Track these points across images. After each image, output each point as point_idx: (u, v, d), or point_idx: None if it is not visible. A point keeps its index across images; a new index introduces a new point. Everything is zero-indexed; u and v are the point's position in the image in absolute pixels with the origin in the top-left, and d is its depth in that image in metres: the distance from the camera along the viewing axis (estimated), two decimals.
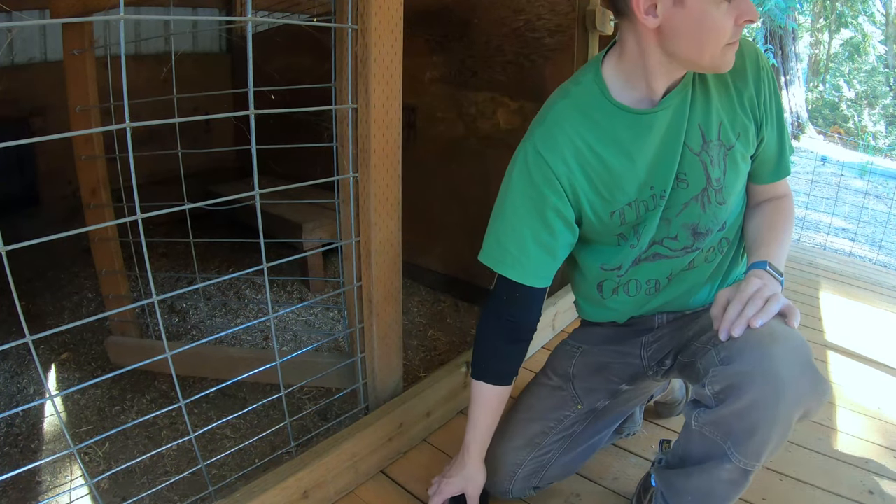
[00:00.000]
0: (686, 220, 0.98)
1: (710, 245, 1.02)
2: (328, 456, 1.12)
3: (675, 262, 1.02)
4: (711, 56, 0.83)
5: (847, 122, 11.03)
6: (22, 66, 2.55)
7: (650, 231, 0.98)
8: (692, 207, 0.97)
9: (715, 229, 1.00)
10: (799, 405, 0.76)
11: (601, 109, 0.93)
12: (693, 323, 1.03)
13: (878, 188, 6.89)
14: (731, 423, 0.79)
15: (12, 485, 1.29)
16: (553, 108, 0.96)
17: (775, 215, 1.01)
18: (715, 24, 0.80)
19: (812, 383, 0.76)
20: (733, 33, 0.82)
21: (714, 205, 0.97)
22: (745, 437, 0.78)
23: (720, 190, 0.96)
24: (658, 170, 0.94)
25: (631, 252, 1.01)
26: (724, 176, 0.95)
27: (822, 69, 11.79)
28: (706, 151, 0.94)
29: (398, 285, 1.28)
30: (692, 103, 0.92)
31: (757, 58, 0.94)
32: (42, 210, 2.71)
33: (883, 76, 11.02)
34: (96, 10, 1.46)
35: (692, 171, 0.94)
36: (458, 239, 2.19)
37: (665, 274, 1.03)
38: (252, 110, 0.94)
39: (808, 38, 11.43)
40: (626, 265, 1.03)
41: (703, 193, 0.96)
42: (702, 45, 0.83)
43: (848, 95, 11.28)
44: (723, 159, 0.95)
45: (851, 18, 11.05)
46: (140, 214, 0.87)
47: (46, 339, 1.84)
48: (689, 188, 0.95)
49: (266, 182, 0.94)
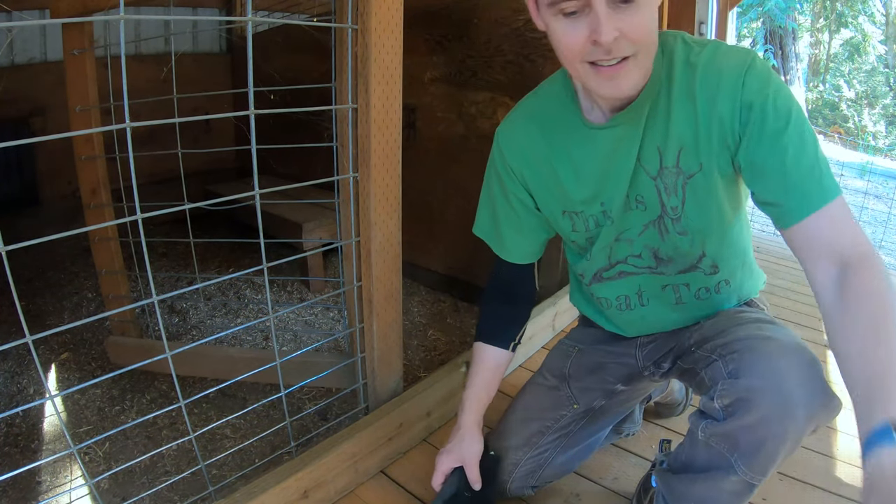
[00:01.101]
0: (647, 243, 0.93)
1: (702, 285, 0.95)
2: (328, 456, 1.12)
3: (641, 279, 0.97)
4: (576, 75, 0.79)
5: (847, 122, 11.04)
6: (22, 66, 2.56)
7: (602, 249, 0.96)
8: (650, 232, 0.91)
9: (682, 261, 0.92)
10: (809, 423, 0.74)
11: (558, 114, 0.93)
12: (693, 330, 0.98)
13: (878, 188, 6.90)
14: (739, 437, 0.76)
15: (12, 485, 1.29)
16: (521, 104, 0.99)
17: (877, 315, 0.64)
18: (559, 39, 0.76)
19: (823, 401, 0.74)
20: (588, 52, 0.74)
21: (673, 234, 0.89)
22: (752, 452, 0.76)
23: (678, 219, 0.88)
24: (606, 187, 0.90)
25: (588, 264, 1.01)
26: (683, 206, 0.86)
27: (822, 69, 11.79)
28: (661, 178, 0.86)
29: (398, 285, 1.28)
30: (650, 123, 0.84)
31: (742, 69, 0.78)
32: (42, 210, 2.71)
33: (883, 76, 11.03)
34: (96, 10, 1.46)
35: (648, 194, 0.88)
36: (458, 239, 2.19)
37: (634, 290, 0.99)
38: (252, 110, 0.94)
39: (808, 38, 11.45)
40: (587, 276, 1.03)
41: (658, 221, 0.90)
42: (563, 61, 0.79)
43: (848, 95, 11.29)
44: (681, 188, 0.85)
45: (851, 18, 11.06)
46: (140, 214, 0.87)
47: (46, 339, 1.84)
48: (647, 212, 0.90)
49: (266, 182, 0.94)
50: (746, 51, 0.81)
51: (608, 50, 0.72)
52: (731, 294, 0.97)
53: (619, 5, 0.70)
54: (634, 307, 1.01)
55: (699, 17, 2.57)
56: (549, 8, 0.74)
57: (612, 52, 0.73)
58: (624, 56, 0.73)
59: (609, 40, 0.71)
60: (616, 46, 0.72)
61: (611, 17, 0.70)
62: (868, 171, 7.29)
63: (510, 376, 1.58)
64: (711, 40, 0.84)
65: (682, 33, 0.85)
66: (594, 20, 0.71)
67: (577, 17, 0.73)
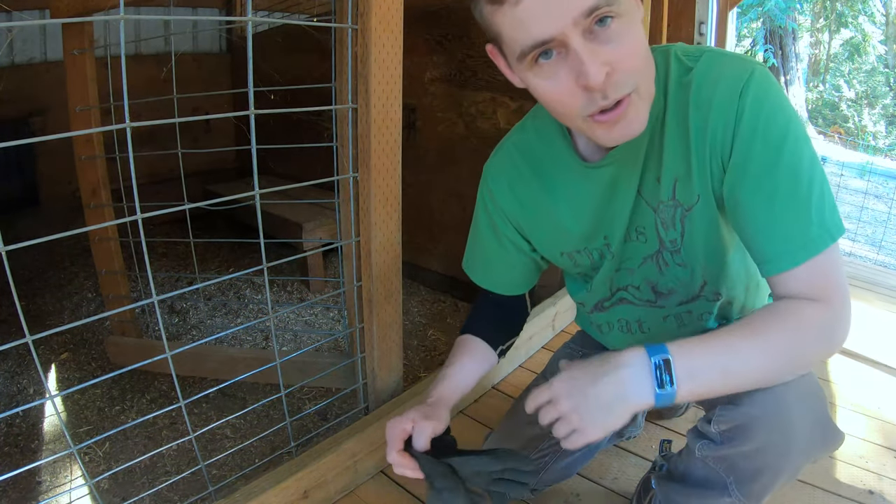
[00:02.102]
0: (646, 276, 0.88)
1: (705, 310, 0.89)
2: (328, 456, 1.12)
3: (641, 311, 0.93)
4: (580, 131, 0.70)
5: (847, 122, 11.03)
6: (22, 66, 2.56)
7: (604, 281, 0.92)
8: (649, 266, 0.86)
9: (684, 291, 0.87)
10: (808, 457, 0.72)
11: (548, 152, 0.85)
12: None
13: (878, 188, 6.90)
14: (736, 462, 0.74)
15: (12, 485, 1.29)
16: (507, 140, 0.91)
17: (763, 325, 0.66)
18: (544, 96, 0.66)
19: (824, 436, 0.72)
20: (584, 104, 0.63)
21: (673, 267, 0.84)
22: (748, 479, 0.74)
23: (677, 251, 0.82)
24: (606, 222, 0.84)
25: (588, 295, 0.96)
26: (682, 238, 0.80)
27: (822, 69, 11.79)
28: (658, 212, 0.79)
29: (398, 285, 1.28)
30: (649, 154, 0.76)
31: (735, 89, 0.67)
32: (42, 210, 2.71)
33: (883, 76, 11.03)
34: (96, 10, 1.46)
35: (649, 227, 0.82)
36: (458, 239, 2.18)
37: (634, 318, 0.94)
38: (252, 110, 0.94)
39: (808, 38, 11.44)
40: (588, 305, 0.99)
41: (657, 255, 0.84)
42: (559, 119, 0.70)
43: (848, 95, 11.29)
44: (679, 220, 0.78)
45: (851, 18, 11.05)
46: (140, 214, 0.87)
47: (46, 339, 1.84)
48: (647, 244, 0.84)
49: (266, 182, 0.94)
50: (742, 65, 0.69)
51: (604, 94, 0.62)
52: (736, 312, 0.93)
53: (597, 33, 0.60)
54: (636, 332, 0.98)
55: (699, 17, 2.57)
56: (520, 62, 0.64)
57: (611, 94, 0.62)
58: (625, 94, 0.63)
59: (600, 81, 0.60)
60: (611, 85, 0.61)
61: (593, 52, 0.60)
62: (868, 171, 7.29)
63: (510, 376, 1.58)
64: (706, 51, 0.73)
65: (676, 47, 0.75)
66: (575, 62, 0.60)
67: (555, 63, 0.62)
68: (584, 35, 0.59)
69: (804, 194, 0.66)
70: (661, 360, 0.64)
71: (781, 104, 0.68)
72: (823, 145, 9.63)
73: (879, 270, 2.82)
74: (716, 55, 0.72)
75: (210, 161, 2.81)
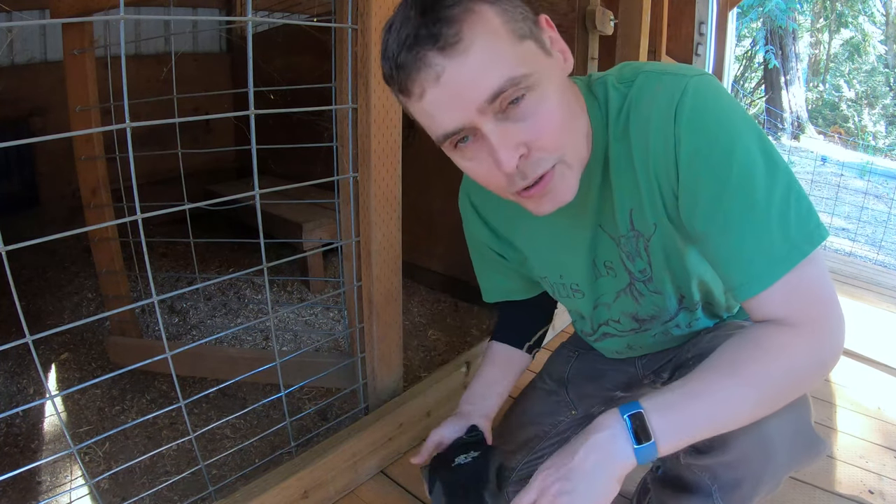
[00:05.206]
0: (623, 309, 0.87)
1: (692, 318, 0.88)
2: (328, 456, 1.12)
3: (628, 338, 0.94)
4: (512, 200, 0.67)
5: (847, 122, 11.04)
6: (22, 66, 2.56)
7: (583, 317, 0.94)
8: (624, 299, 0.85)
9: (665, 314, 0.86)
10: (789, 467, 0.72)
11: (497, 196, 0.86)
12: (692, 343, 0.94)
13: (878, 188, 6.90)
14: (718, 471, 0.74)
15: (12, 485, 1.29)
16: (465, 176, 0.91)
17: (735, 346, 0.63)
18: (470, 174, 0.66)
19: (805, 446, 0.71)
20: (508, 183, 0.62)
21: (649, 295, 0.83)
22: (730, 488, 0.74)
23: (649, 279, 0.80)
24: (560, 260, 0.85)
25: (576, 324, 1.00)
26: (651, 267, 0.78)
27: (822, 69, 11.80)
28: (621, 245, 0.78)
29: (398, 285, 1.28)
30: (601, 192, 0.75)
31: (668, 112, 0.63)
32: (42, 210, 2.71)
33: (883, 76, 11.04)
34: (96, 10, 1.46)
35: (615, 261, 0.81)
36: (458, 239, 2.17)
37: (623, 345, 0.96)
38: (252, 110, 0.94)
39: (808, 38, 11.45)
40: (579, 331, 1.03)
41: (629, 288, 0.83)
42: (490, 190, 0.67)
43: (848, 95, 11.30)
44: (643, 250, 0.76)
45: (851, 18, 11.06)
46: (140, 214, 0.87)
47: (46, 339, 1.84)
48: (617, 279, 0.83)
49: (266, 182, 0.94)
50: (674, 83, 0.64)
51: (523, 174, 0.61)
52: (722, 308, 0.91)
53: (509, 112, 0.58)
54: (626, 352, 1.00)
55: (699, 17, 2.58)
56: (442, 146, 0.64)
57: (530, 174, 0.61)
58: (546, 169, 0.61)
59: (513, 166, 0.58)
60: (529, 165, 0.60)
61: (505, 134, 0.58)
62: (868, 171, 7.29)
63: None
64: (640, 73, 0.69)
65: (611, 75, 0.72)
66: (488, 147, 0.59)
67: (473, 146, 0.61)
68: (495, 118, 0.58)
69: (761, 211, 0.60)
70: (631, 415, 0.61)
71: (721, 116, 0.62)
72: (823, 145, 9.63)
73: (879, 270, 2.83)
74: (650, 76, 0.67)
75: (210, 161, 2.81)
